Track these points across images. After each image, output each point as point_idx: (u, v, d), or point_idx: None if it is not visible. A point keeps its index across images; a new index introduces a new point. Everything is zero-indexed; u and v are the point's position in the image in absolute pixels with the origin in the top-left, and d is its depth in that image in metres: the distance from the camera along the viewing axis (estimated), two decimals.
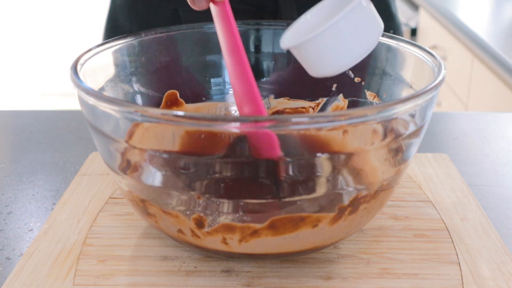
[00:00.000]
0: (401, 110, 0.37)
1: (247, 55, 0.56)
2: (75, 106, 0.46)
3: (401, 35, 0.81)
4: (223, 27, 0.43)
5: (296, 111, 0.56)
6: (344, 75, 0.53)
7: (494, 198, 0.55)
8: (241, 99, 0.45)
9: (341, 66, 0.43)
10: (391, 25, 0.78)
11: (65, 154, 0.64)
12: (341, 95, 0.54)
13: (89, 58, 0.46)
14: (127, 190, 0.42)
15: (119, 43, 0.49)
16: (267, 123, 0.36)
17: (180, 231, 0.41)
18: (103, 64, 0.48)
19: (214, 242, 0.40)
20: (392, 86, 0.51)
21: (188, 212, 0.39)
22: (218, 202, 0.39)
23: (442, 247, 0.46)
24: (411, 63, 0.48)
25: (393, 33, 0.76)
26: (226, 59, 0.44)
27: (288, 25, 0.55)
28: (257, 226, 0.38)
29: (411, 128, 0.39)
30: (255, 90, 0.43)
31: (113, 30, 0.75)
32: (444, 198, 0.53)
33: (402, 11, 2.02)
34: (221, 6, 0.43)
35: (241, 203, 0.39)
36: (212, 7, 0.44)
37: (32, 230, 0.50)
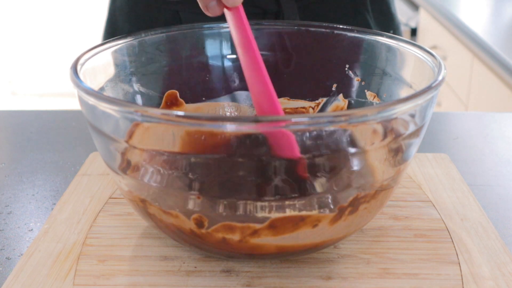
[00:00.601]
0: (401, 110, 0.37)
1: None
2: (75, 106, 0.46)
3: (401, 35, 0.81)
4: (238, 31, 0.43)
5: (296, 111, 0.56)
6: (344, 75, 0.54)
7: (494, 198, 0.55)
8: (257, 98, 0.45)
9: None
10: (391, 25, 0.78)
11: (65, 154, 0.64)
12: (341, 95, 0.54)
13: (89, 58, 0.46)
14: (127, 190, 0.42)
15: (119, 43, 0.49)
16: (266, 123, 0.36)
17: (180, 231, 0.41)
18: (103, 64, 0.48)
19: (214, 242, 0.40)
20: (392, 86, 0.51)
21: (188, 212, 0.39)
22: (218, 202, 0.39)
23: (442, 247, 0.46)
24: (411, 63, 0.48)
25: (393, 33, 0.76)
26: (242, 61, 0.44)
27: (288, 25, 0.56)
28: (257, 226, 0.38)
29: (411, 128, 0.39)
30: (271, 90, 0.43)
31: (112, 32, 0.75)
32: (444, 198, 0.53)
33: (402, 11, 2.02)
34: (235, 11, 0.43)
35: (241, 203, 0.39)
36: (227, 12, 0.44)
37: (32, 230, 0.50)
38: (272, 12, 0.69)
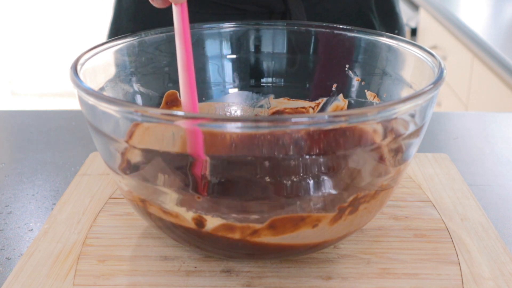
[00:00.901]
0: (401, 110, 0.37)
1: (247, 55, 0.56)
2: (75, 106, 0.46)
3: (404, 36, 0.81)
4: (178, 27, 0.44)
5: (296, 111, 0.56)
6: (344, 75, 0.54)
7: (494, 198, 0.55)
8: (182, 94, 0.45)
9: None
10: (395, 25, 0.78)
11: (65, 154, 0.64)
12: (341, 95, 0.54)
13: (89, 58, 0.46)
14: (127, 190, 0.42)
15: (119, 43, 0.49)
16: (266, 123, 0.36)
17: (180, 231, 0.41)
18: (103, 64, 0.48)
19: (214, 242, 0.40)
20: (392, 86, 0.51)
21: (188, 212, 0.39)
22: (218, 202, 0.39)
23: (442, 247, 0.46)
24: (411, 63, 0.48)
25: (397, 34, 0.76)
26: (178, 57, 0.45)
27: (288, 25, 0.56)
28: (257, 226, 0.38)
29: (411, 128, 0.39)
30: (192, 90, 0.43)
31: (117, 33, 0.75)
32: (444, 198, 0.53)
33: (402, 11, 2.01)
34: (179, 8, 0.43)
35: (241, 203, 0.39)
36: (173, 7, 0.44)
37: (32, 230, 0.50)
38: (279, 11, 0.69)
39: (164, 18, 0.71)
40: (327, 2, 0.70)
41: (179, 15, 0.43)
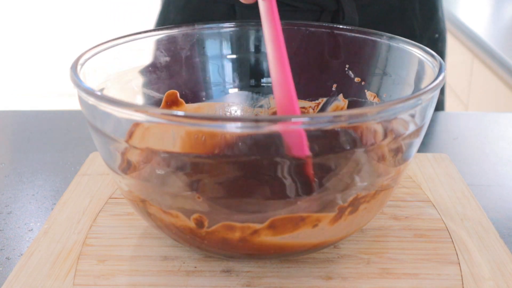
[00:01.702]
0: (401, 110, 0.37)
1: (247, 55, 0.56)
2: (75, 106, 0.46)
3: (445, 40, 0.81)
4: (268, 23, 0.43)
5: None
6: (344, 75, 0.54)
7: (494, 198, 0.55)
8: (276, 95, 0.44)
9: None
10: (437, 29, 0.78)
11: (65, 154, 0.64)
12: (341, 95, 0.54)
13: (89, 58, 0.46)
14: (127, 190, 0.42)
15: (119, 43, 0.49)
16: (265, 122, 0.36)
17: (180, 231, 0.41)
18: (103, 64, 0.48)
19: (214, 242, 0.40)
20: (392, 86, 0.51)
21: (188, 212, 0.39)
22: (218, 202, 0.39)
23: (442, 247, 0.46)
24: (411, 63, 0.48)
25: (438, 37, 0.76)
26: (268, 55, 0.44)
27: (288, 25, 0.55)
28: (257, 226, 0.38)
29: (411, 128, 0.39)
30: (291, 87, 0.43)
31: (164, 25, 0.75)
32: (444, 198, 0.53)
33: None
34: (267, 2, 0.43)
35: (241, 203, 0.39)
36: (260, 3, 0.44)
37: (32, 230, 0.50)
38: (330, 10, 0.68)
39: (213, 11, 0.71)
40: (374, 3, 0.70)
41: (267, 10, 0.42)
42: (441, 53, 0.82)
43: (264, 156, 0.39)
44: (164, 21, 0.76)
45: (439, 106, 0.84)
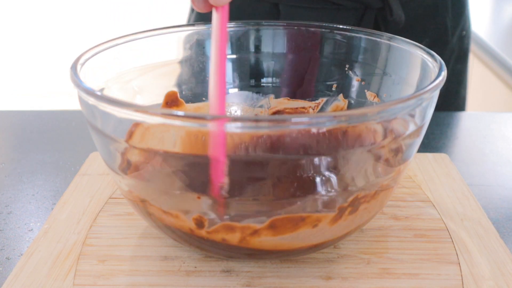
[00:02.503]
0: (401, 110, 0.37)
1: (248, 55, 0.56)
2: (75, 106, 0.46)
3: (470, 37, 0.81)
4: (217, 31, 0.43)
5: (296, 111, 0.56)
6: (344, 75, 0.54)
7: (494, 198, 0.55)
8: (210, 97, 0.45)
9: None
10: (463, 26, 0.78)
11: (65, 154, 0.64)
12: (341, 95, 0.54)
13: (89, 58, 0.46)
14: (127, 190, 0.42)
15: (119, 43, 0.49)
16: (266, 123, 0.36)
17: (180, 231, 0.41)
18: (103, 64, 0.48)
19: (214, 242, 0.40)
20: (392, 86, 0.51)
21: (188, 212, 0.39)
22: (218, 202, 0.39)
23: (442, 247, 0.46)
24: (411, 63, 0.48)
25: (464, 34, 0.77)
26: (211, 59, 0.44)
27: (288, 25, 0.56)
28: (257, 226, 0.38)
29: (411, 128, 0.39)
30: (224, 92, 0.43)
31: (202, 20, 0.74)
32: (444, 198, 0.53)
33: None
34: (220, 12, 0.43)
35: (241, 203, 0.39)
36: (214, 11, 0.44)
37: (32, 230, 0.50)
38: (374, 7, 0.68)
39: (256, 8, 0.70)
40: (412, 1, 0.71)
41: (218, 19, 0.42)
42: (467, 50, 0.83)
43: (264, 156, 0.39)
44: (202, 19, 0.75)
45: (461, 105, 0.83)
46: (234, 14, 0.72)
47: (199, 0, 0.43)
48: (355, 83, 0.53)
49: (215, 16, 0.43)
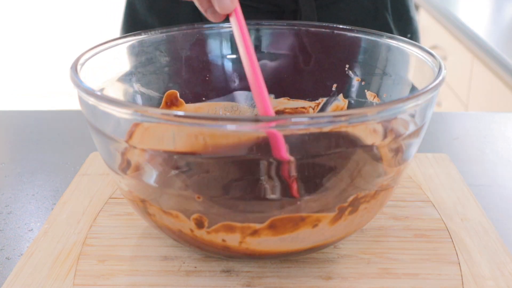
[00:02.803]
0: (401, 110, 0.37)
1: None
2: (75, 106, 0.46)
3: (419, 40, 0.81)
4: (236, 34, 0.45)
5: (296, 111, 0.56)
6: (344, 75, 0.54)
7: (494, 198, 0.55)
8: (254, 97, 0.45)
9: None
10: (408, 29, 0.78)
11: (65, 154, 0.64)
12: (341, 95, 0.54)
13: (89, 58, 0.46)
14: (127, 190, 0.42)
15: (119, 43, 0.49)
16: (271, 123, 0.36)
17: (180, 231, 0.41)
18: (103, 64, 0.48)
19: (214, 242, 0.40)
20: (392, 86, 0.51)
21: (188, 212, 0.39)
22: (218, 202, 0.39)
23: (442, 247, 0.46)
24: (411, 63, 0.48)
25: (410, 38, 0.76)
26: (243, 62, 0.45)
27: (288, 25, 0.56)
28: (257, 226, 0.38)
29: (411, 128, 0.39)
30: (263, 90, 0.43)
31: (132, 24, 0.75)
32: (444, 198, 0.53)
33: None
34: (233, 16, 0.44)
35: (241, 203, 0.39)
36: (229, 17, 0.45)
37: (32, 230, 0.50)
38: (290, 11, 0.68)
39: (180, 10, 0.70)
40: (340, 2, 0.70)
41: (235, 22, 0.44)
42: None
43: (264, 156, 0.39)
44: (132, 22, 0.75)
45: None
46: (156, 16, 0.72)
47: (211, 13, 0.45)
48: (355, 83, 0.53)
49: (232, 21, 0.44)
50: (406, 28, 0.77)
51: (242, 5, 0.44)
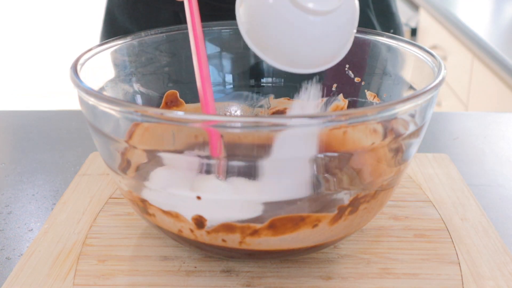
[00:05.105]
0: (401, 110, 0.37)
1: (247, 55, 0.56)
2: (75, 106, 0.46)
3: (402, 35, 0.81)
4: (189, 21, 0.45)
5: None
6: (344, 75, 0.53)
7: (494, 198, 0.55)
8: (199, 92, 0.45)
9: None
10: (391, 25, 0.78)
11: (65, 154, 0.64)
12: (341, 95, 0.54)
13: (89, 58, 0.46)
14: (127, 190, 0.42)
15: (119, 43, 0.49)
16: (266, 123, 0.36)
17: (180, 231, 0.41)
18: (103, 64, 0.48)
19: (214, 242, 0.40)
20: (392, 86, 0.51)
21: (188, 212, 0.39)
22: (218, 202, 0.39)
23: (442, 247, 0.46)
24: (411, 63, 0.48)
25: (393, 33, 0.76)
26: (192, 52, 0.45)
27: None
28: (257, 226, 0.38)
29: (411, 128, 0.39)
30: (206, 88, 0.43)
31: (112, 30, 0.75)
32: (444, 198, 0.53)
33: (402, 11, 2.02)
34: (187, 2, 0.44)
35: (241, 203, 0.39)
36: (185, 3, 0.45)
37: (32, 230, 0.50)
38: None
39: (158, 16, 0.71)
40: None
41: (187, 9, 0.44)
42: None
43: (264, 155, 0.39)
44: (111, 27, 0.75)
45: None
46: (134, 21, 0.72)
47: None
48: (355, 83, 0.53)
49: (186, 7, 0.44)
50: (389, 24, 0.78)
51: (203, 4, 0.44)
